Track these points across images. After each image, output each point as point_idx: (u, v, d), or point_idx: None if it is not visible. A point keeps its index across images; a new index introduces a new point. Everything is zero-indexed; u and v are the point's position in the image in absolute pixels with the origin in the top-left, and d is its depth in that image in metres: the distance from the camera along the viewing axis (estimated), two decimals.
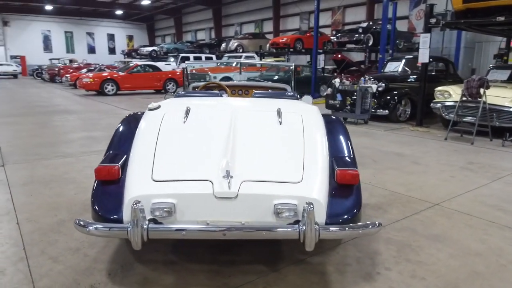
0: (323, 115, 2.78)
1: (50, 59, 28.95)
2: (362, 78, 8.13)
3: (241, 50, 21.74)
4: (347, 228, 1.90)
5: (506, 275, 2.24)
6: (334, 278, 2.19)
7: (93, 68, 21.04)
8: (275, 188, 1.98)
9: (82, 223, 1.91)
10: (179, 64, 20.20)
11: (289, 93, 3.03)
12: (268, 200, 1.93)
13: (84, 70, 20.06)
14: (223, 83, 4.08)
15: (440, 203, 3.40)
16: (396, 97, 8.05)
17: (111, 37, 38.27)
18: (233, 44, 21.91)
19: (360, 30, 15.04)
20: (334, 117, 2.80)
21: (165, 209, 1.89)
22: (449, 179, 4.14)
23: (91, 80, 14.01)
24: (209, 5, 28.94)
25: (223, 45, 22.73)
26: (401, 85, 8.50)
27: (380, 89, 8.11)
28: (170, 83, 15.81)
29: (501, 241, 2.68)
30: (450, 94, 6.90)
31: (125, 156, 2.26)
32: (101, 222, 1.98)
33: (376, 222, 1.94)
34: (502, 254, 2.49)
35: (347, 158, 2.33)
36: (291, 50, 18.31)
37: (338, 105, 8.10)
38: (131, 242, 1.83)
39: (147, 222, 1.84)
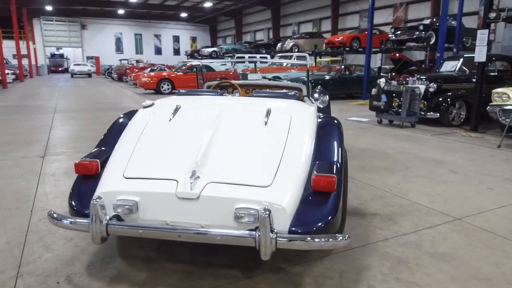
0: (323, 117, 2.62)
1: (120, 60, 31.13)
2: (411, 78, 7.59)
3: (296, 50, 21.55)
4: (308, 239, 1.76)
5: None
6: None
7: (155, 68, 22.20)
8: (238, 192, 1.89)
9: (55, 215, 1.99)
10: (234, 65, 20.60)
11: (290, 93, 2.90)
12: (229, 204, 1.86)
13: (147, 70, 21.23)
14: (236, 82, 4.04)
15: (463, 217, 3.04)
16: (449, 99, 7.39)
17: (176, 39, 40.14)
18: (289, 44, 21.78)
19: (421, 27, 14.09)
20: (333, 120, 2.61)
21: (127, 207, 1.90)
22: (485, 191, 3.69)
23: (149, 79, 14.79)
24: (268, 5, 29.06)
25: (279, 45, 22.71)
26: (457, 86, 7.79)
27: (431, 90, 7.52)
28: None
29: None
30: (510, 96, 6.16)
31: (110, 152, 2.32)
32: (75, 215, 2.05)
33: (341, 236, 1.77)
34: None
35: (330, 163, 2.15)
36: (347, 49, 17.70)
37: (382, 107, 7.65)
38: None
39: (107, 218, 1.87)
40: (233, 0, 28.81)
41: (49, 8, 30.86)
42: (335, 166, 2.12)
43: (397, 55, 14.43)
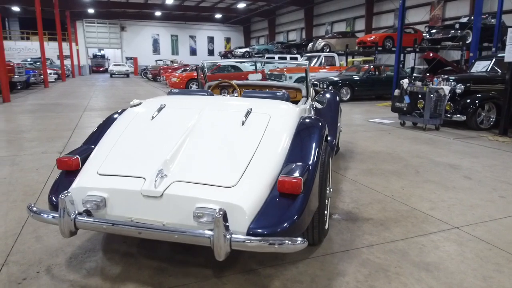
0: (306, 118, 2.57)
1: (156, 60, 32.07)
2: (435, 78, 7.27)
3: (327, 50, 21.24)
4: (262, 241, 1.73)
5: None
6: None
7: (187, 68, 22.67)
8: (201, 191, 1.90)
9: (34, 209, 2.09)
10: (263, 65, 20.62)
11: (278, 94, 2.86)
12: (190, 203, 1.87)
13: (180, 71, 21.73)
14: (236, 82, 4.04)
15: (462, 226, 2.88)
16: (476, 101, 7.01)
17: (210, 40, 40.79)
18: (320, 43, 21.51)
19: (457, 26, 13.44)
20: (316, 121, 2.55)
21: (95, 202, 1.97)
22: (496, 199, 3.47)
23: (178, 79, 15.15)
24: (301, 5, 28.86)
25: (310, 45, 22.49)
26: (486, 88, 7.38)
27: (458, 91, 7.17)
28: None
29: (511, 282, 2.15)
30: None
31: (93, 149, 2.40)
32: (52, 209, 2.14)
33: (297, 239, 1.73)
34: None
35: (301, 165, 2.11)
36: (380, 48, 17.21)
37: (405, 108, 7.37)
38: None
39: (75, 213, 1.94)
40: (266, 1, 28.85)
41: (91, 11, 32.38)
42: (305, 168, 2.07)
43: (431, 54, 13.86)
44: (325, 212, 2.44)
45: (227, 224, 1.74)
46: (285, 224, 1.85)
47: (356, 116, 8.99)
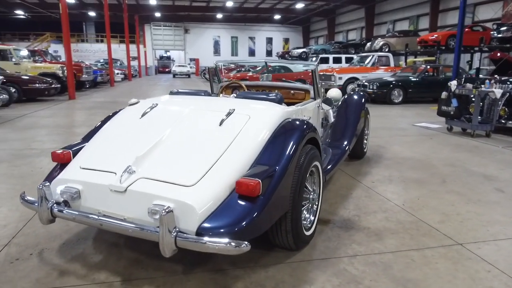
0: (291, 120, 2.51)
1: (216, 61, 33.03)
2: (487, 80, 6.63)
3: (386, 50, 20.32)
4: (205, 241, 1.74)
5: None
6: None
7: (242, 69, 23.08)
8: (159, 189, 1.96)
9: (25, 198, 2.30)
10: (317, 65, 20.28)
11: (270, 95, 2.82)
12: (148, 199, 1.94)
13: (235, 71, 22.19)
14: (244, 82, 4.05)
15: (466, 243, 2.62)
16: None
17: (269, 41, 41.09)
18: (378, 43, 20.61)
19: None
20: (301, 124, 2.47)
21: (69, 193, 2.12)
22: None
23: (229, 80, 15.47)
24: (362, 3, 27.92)
25: (368, 44, 21.67)
26: None
27: None
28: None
29: None
30: None
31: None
32: None
33: (239, 242, 1.72)
34: None
35: (267, 167, 2.07)
36: (442, 48, 16.06)
37: (452, 112, 6.82)
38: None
39: (52, 202, 2.10)
40: (326, 0, 28.36)
41: (157, 15, 34.31)
42: (269, 171, 2.04)
43: (498, 54, 12.67)
44: (302, 217, 2.36)
45: (173, 221, 1.78)
46: (237, 226, 1.84)
47: (402, 120, 8.51)
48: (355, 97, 4.64)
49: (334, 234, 2.74)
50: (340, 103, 4.61)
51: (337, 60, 20.03)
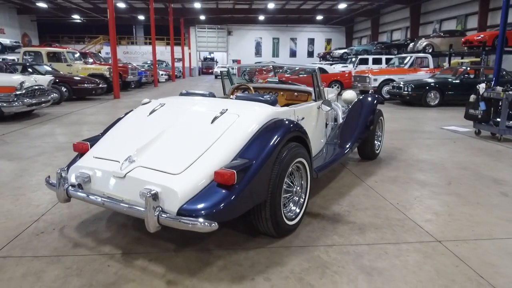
0: (276, 120, 2.74)
1: (255, 63, 33.55)
2: None
3: (430, 50, 19.67)
4: (181, 220, 2.06)
5: None
6: (206, 269, 2.31)
7: (280, 70, 23.32)
8: (151, 176, 2.30)
9: (50, 181, 2.74)
10: (356, 66, 20.07)
11: (264, 96, 3.07)
12: (141, 184, 2.28)
13: (272, 72, 22.49)
14: (252, 85, 4.32)
15: (445, 241, 2.73)
16: None
17: (311, 41, 40.94)
18: (422, 43, 19.98)
19: None
20: (284, 125, 2.69)
21: (82, 178, 2.52)
22: None
23: (263, 81, 15.79)
24: (407, 3, 27.12)
25: (411, 45, 21.05)
26: None
27: None
28: (335, 85, 16.03)
29: None
30: None
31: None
32: None
33: (207, 222, 2.02)
34: None
35: (245, 161, 2.35)
36: (488, 48, 15.31)
37: (479, 116, 6.65)
38: None
39: (68, 184, 2.52)
40: (369, 0, 27.86)
41: (202, 17, 35.43)
42: (247, 164, 2.31)
43: None
44: (281, 207, 2.59)
45: (156, 202, 2.11)
46: (212, 209, 2.13)
47: (432, 122, 8.37)
48: (367, 99, 4.75)
49: (319, 226, 2.96)
50: (350, 105, 4.75)
51: (377, 61, 19.71)
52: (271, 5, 30.61)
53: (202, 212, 2.12)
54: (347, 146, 4.03)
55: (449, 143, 6.20)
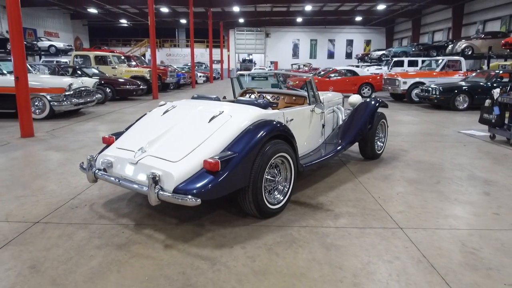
0: (261, 121, 3.25)
1: (291, 64, 33.96)
2: None
3: (470, 52, 19.18)
4: (173, 196, 2.65)
5: None
6: (197, 239, 2.89)
7: (315, 72, 23.60)
8: (156, 162, 2.92)
9: (82, 165, 3.45)
10: (390, 69, 19.95)
11: (258, 101, 3.59)
12: (148, 169, 2.91)
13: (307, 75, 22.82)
14: (257, 89, 4.85)
15: (406, 228, 3.13)
16: None
17: (349, 43, 40.66)
18: (461, 45, 19.51)
19: None
20: (266, 125, 3.18)
21: (106, 163, 3.19)
22: (485, 215, 3.43)
23: (294, 83, 16.24)
24: (449, 3, 26.37)
25: (450, 47, 20.57)
26: None
27: None
28: (366, 88, 16.14)
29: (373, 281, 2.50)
30: None
31: None
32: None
33: (192, 198, 2.60)
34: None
35: (230, 153, 2.90)
36: None
37: (493, 121, 6.75)
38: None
39: (95, 168, 3.21)
40: (409, 0, 27.38)
41: (241, 20, 36.37)
42: (231, 155, 2.87)
43: None
44: (263, 192, 3.11)
45: (156, 181, 2.72)
46: (199, 189, 2.71)
47: (451, 126, 8.46)
48: (369, 103, 5.14)
49: (301, 212, 3.45)
50: (353, 108, 5.17)
51: (413, 64, 19.47)
52: (308, 8, 30.89)
53: (191, 191, 2.71)
54: (341, 146, 4.47)
55: (458, 146, 6.39)
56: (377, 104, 5.20)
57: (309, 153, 4.24)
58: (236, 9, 31.27)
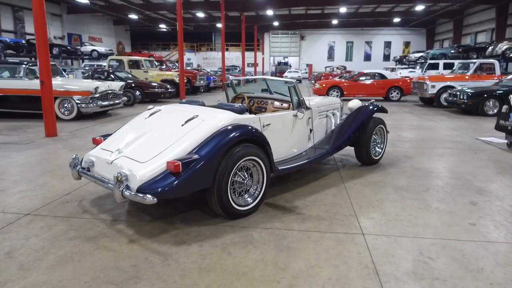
0: (231, 126, 3.38)
1: (325, 67, 33.61)
2: None
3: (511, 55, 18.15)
4: (134, 195, 2.85)
5: None
6: (161, 235, 3.08)
7: (346, 75, 23.24)
8: (125, 163, 3.15)
9: (70, 164, 3.75)
10: (424, 72, 19.27)
11: (236, 106, 3.72)
12: (119, 168, 3.14)
13: (338, 77, 22.55)
14: (247, 94, 4.97)
15: (368, 234, 3.14)
16: None
17: (387, 45, 39.59)
18: (501, 47, 18.50)
19: None
20: (232, 130, 3.29)
21: (89, 163, 3.47)
22: (460, 225, 3.35)
23: (320, 86, 16.16)
24: (493, 3, 24.98)
25: (490, 48, 19.54)
26: None
27: None
28: (395, 91, 15.72)
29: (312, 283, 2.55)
30: None
31: None
32: None
33: (149, 197, 2.79)
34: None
35: (194, 156, 3.06)
36: None
37: (510, 127, 6.42)
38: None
39: (79, 166, 3.49)
40: (450, 1, 26.25)
41: (276, 24, 36.56)
42: (194, 158, 3.03)
43: None
44: (228, 194, 3.24)
45: (120, 180, 2.93)
46: (159, 188, 2.89)
47: (470, 133, 8.11)
48: (363, 108, 5.13)
49: (271, 214, 3.55)
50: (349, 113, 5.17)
51: (449, 66, 18.71)
52: (343, 10, 30.49)
53: (152, 191, 2.90)
54: (327, 151, 4.50)
55: (468, 153, 6.15)
56: (374, 110, 5.17)
57: (293, 157, 4.31)
58: (270, 12, 31.49)
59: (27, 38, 23.02)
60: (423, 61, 23.94)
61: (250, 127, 3.47)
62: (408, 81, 15.95)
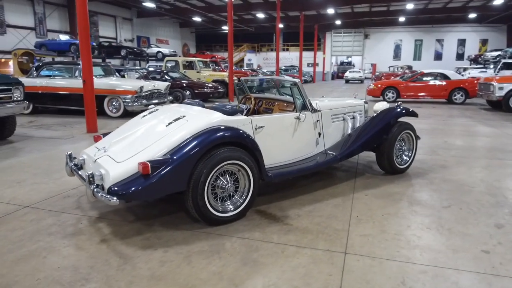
0: (220, 127, 3.22)
1: (389, 67, 31.85)
2: None
3: None
4: (102, 195, 2.82)
5: None
6: (133, 237, 3.03)
7: (409, 75, 21.75)
8: (104, 162, 3.14)
9: (66, 161, 3.88)
10: (497, 72, 17.35)
11: (227, 107, 3.53)
12: (99, 167, 3.15)
13: (399, 77, 21.20)
14: (254, 95, 4.72)
15: (351, 254, 2.78)
16: None
17: (461, 42, 36.40)
18: None
19: None
20: (214, 132, 3.13)
21: (81, 160, 3.54)
22: (471, 251, 2.85)
23: (375, 87, 15.28)
24: None
25: None
26: None
27: None
28: (459, 93, 14.33)
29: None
30: None
31: None
32: None
33: (113, 198, 2.73)
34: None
35: (167, 158, 2.96)
36: None
37: None
38: None
39: (72, 163, 3.59)
40: None
41: (338, 22, 35.52)
42: (166, 160, 2.93)
43: None
44: (205, 199, 3.08)
45: (91, 180, 2.93)
46: (128, 190, 2.83)
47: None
48: (387, 111, 4.67)
49: (256, 223, 3.33)
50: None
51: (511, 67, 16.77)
52: (410, 6, 28.62)
53: (119, 192, 2.85)
54: (334, 156, 4.14)
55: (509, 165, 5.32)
56: (399, 113, 4.68)
57: (295, 162, 4.02)
58: (331, 11, 30.65)
59: (99, 41, 25.01)
60: (498, 60, 21.56)
61: (236, 129, 3.29)
62: (475, 82, 14.43)
